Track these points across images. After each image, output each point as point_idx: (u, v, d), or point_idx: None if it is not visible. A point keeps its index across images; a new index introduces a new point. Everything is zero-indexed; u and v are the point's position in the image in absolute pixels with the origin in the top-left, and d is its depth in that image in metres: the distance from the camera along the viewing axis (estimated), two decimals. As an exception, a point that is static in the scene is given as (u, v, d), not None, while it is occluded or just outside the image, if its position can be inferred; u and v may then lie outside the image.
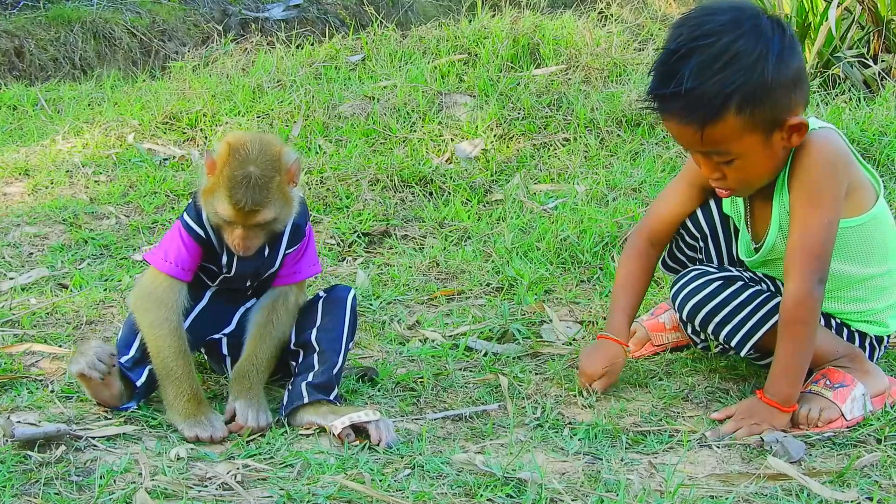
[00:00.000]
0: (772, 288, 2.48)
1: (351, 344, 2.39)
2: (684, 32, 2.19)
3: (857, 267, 2.40)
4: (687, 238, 2.60)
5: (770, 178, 2.33)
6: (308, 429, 2.24)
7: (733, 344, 2.41)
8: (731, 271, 2.47)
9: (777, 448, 2.15)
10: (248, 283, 2.39)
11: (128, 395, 2.28)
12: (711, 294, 2.41)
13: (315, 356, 2.33)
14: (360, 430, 2.19)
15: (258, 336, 2.34)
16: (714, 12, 2.20)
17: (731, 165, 2.26)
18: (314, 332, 2.36)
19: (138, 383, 2.27)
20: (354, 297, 2.41)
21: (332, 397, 2.28)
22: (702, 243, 2.59)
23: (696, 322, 2.44)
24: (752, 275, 2.51)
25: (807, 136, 2.28)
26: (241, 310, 2.43)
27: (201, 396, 2.23)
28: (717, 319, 2.40)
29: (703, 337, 2.51)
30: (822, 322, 2.42)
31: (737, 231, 2.53)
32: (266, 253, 2.33)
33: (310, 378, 2.29)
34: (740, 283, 2.42)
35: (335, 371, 2.31)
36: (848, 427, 2.30)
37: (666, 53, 2.21)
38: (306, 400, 2.25)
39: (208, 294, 2.40)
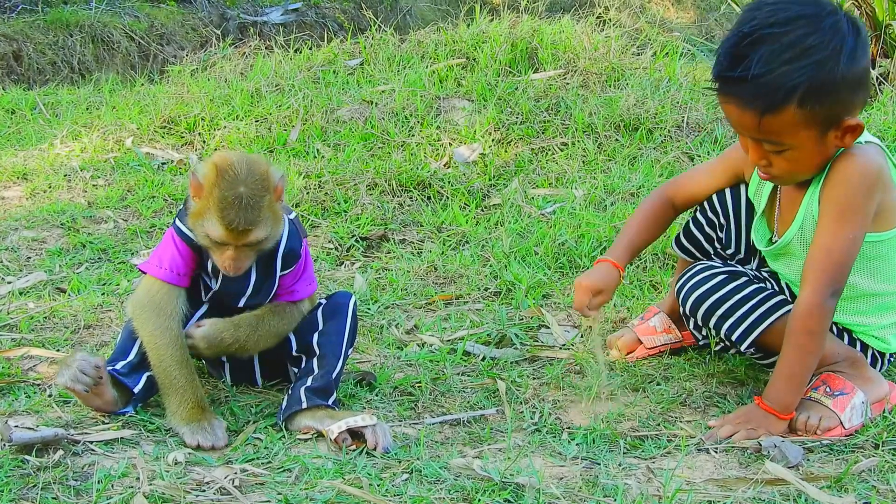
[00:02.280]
0: (776, 287, 2.48)
1: (350, 350, 2.40)
2: (759, 17, 2.15)
3: (867, 280, 2.39)
4: (709, 213, 2.60)
5: (814, 173, 2.32)
6: (306, 433, 2.24)
7: (734, 338, 2.40)
8: (737, 267, 2.47)
9: (774, 453, 2.15)
10: (241, 305, 2.38)
11: (124, 401, 2.27)
12: (714, 287, 2.41)
13: (315, 360, 2.34)
14: (357, 435, 2.19)
15: (266, 308, 2.35)
16: (793, 1, 2.16)
17: (781, 156, 2.25)
18: (316, 336, 2.37)
19: (136, 390, 2.27)
20: (355, 303, 2.42)
21: (330, 402, 2.28)
22: (723, 221, 2.59)
23: (699, 315, 2.44)
24: (756, 273, 2.51)
25: (855, 148, 2.27)
26: None
27: (204, 403, 2.23)
28: (719, 313, 2.40)
29: (704, 332, 2.50)
30: None
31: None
32: (253, 277, 2.33)
33: (308, 383, 2.29)
34: (744, 278, 2.42)
35: (334, 375, 2.31)
36: (846, 435, 2.30)
37: (737, 36, 2.17)
38: (304, 405, 2.25)
39: (207, 299, 2.40)
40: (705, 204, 2.61)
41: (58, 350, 2.63)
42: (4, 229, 3.56)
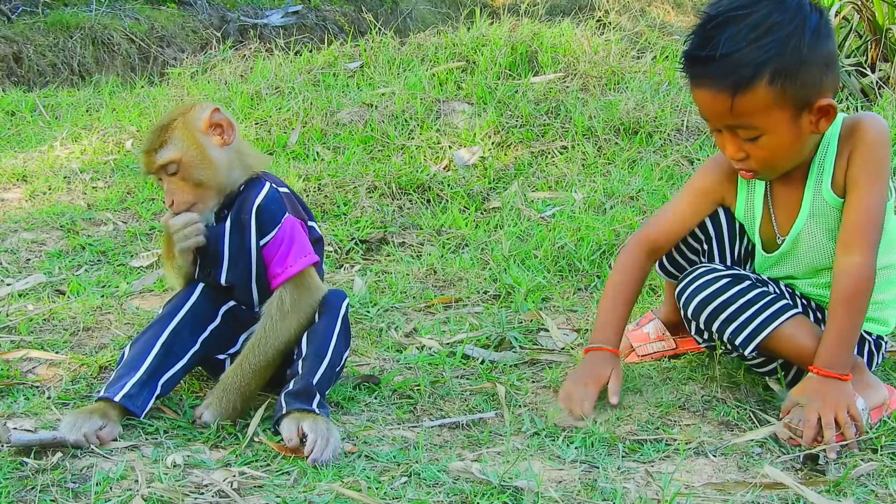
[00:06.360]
0: (778, 290, 2.46)
1: (347, 351, 2.37)
2: (724, 1, 2.23)
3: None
4: (691, 241, 2.57)
5: (795, 162, 2.34)
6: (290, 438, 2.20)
7: (738, 342, 2.38)
8: (740, 270, 2.45)
9: (827, 466, 2.15)
10: (223, 281, 2.35)
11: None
12: (718, 291, 2.38)
13: (300, 363, 2.28)
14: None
15: (249, 344, 2.32)
16: None
17: (757, 143, 2.26)
18: (305, 334, 2.32)
19: (142, 416, 2.23)
20: (347, 305, 2.38)
21: (313, 405, 2.21)
22: (706, 246, 2.56)
23: (701, 320, 2.41)
24: (759, 276, 2.50)
25: (860, 114, 2.33)
26: (249, 332, 2.41)
27: None
28: (722, 317, 2.37)
29: (706, 336, 2.47)
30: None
31: (744, 232, 2.52)
32: (226, 243, 2.33)
33: (290, 387, 2.24)
34: (748, 282, 2.40)
35: (315, 379, 2.25)
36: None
37: (704, 19, 2.24)
38: (284, 410, 2.21)
39: (221, 312, 2.39)
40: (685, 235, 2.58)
41: (57, 352, 2.63)
42: (4, 231, 3.56)
